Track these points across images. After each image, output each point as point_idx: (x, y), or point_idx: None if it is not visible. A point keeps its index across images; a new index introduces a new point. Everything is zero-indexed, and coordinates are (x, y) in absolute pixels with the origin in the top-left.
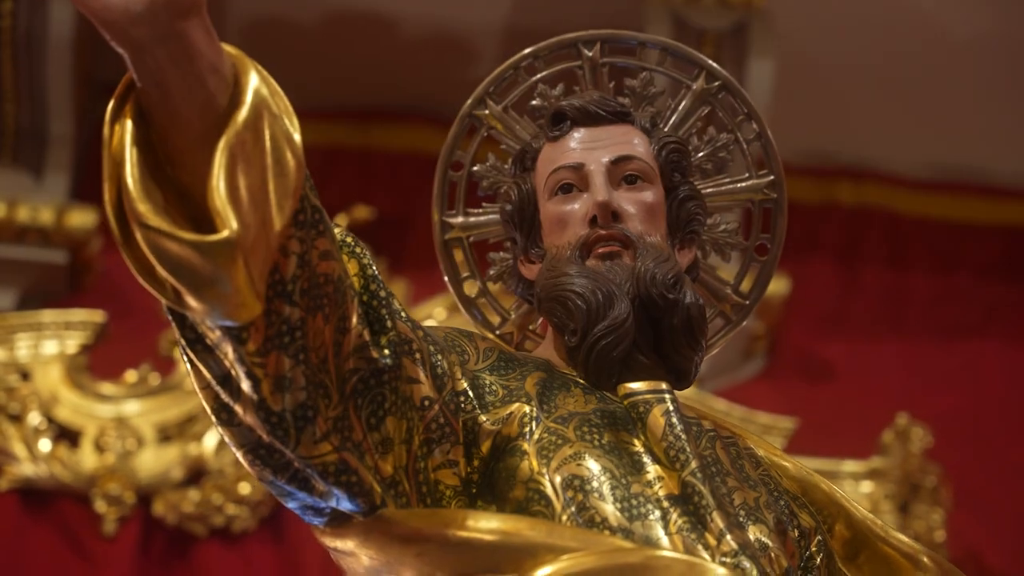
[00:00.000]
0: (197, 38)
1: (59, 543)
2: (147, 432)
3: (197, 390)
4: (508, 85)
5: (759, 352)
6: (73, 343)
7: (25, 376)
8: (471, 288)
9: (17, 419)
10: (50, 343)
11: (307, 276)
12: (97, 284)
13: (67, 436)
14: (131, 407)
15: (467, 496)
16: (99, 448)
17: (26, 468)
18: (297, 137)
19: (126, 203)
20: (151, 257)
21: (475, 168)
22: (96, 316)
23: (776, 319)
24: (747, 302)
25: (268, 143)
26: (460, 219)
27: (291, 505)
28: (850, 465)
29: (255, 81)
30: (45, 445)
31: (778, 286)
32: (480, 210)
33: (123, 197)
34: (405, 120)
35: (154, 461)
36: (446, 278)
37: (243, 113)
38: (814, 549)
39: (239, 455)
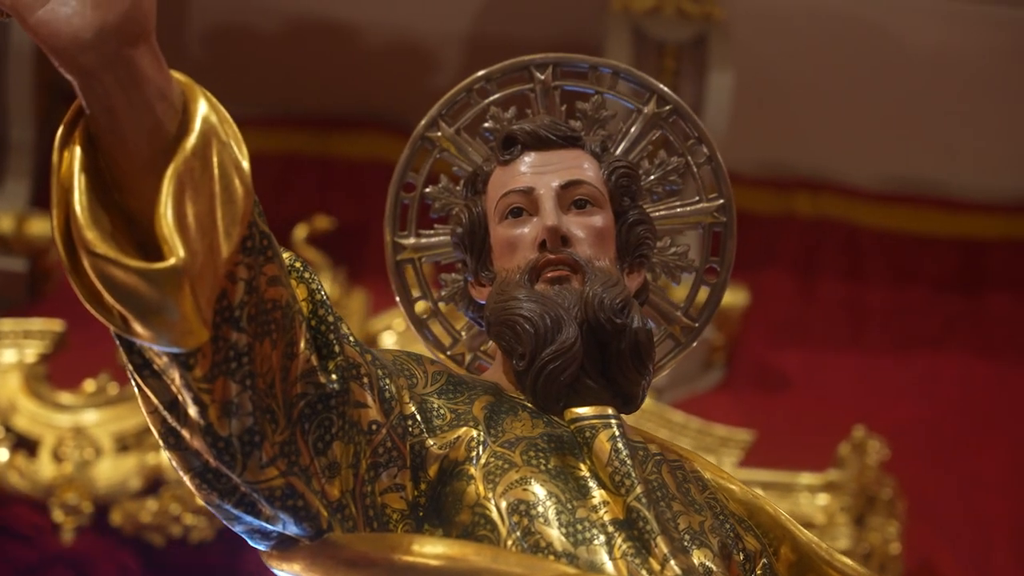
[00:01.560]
0: (145, 65)
1: (16, 552)
2: (105, 442)
3: (145, 414)
4: (461, 107)
5: (718, 363)
6: (32, 352)
7: None
8: (422, 309)
9: None
10: (8, 352)
11: (255, 302)
12: (57, 292)
13: (25, 445)
14: (89, 416)
15: (414, 520)
16: (57, 457)
17: None
18: (246, 164)
19: (74, 230)
20: (98, 284)
21: (427, 190)
22: (55, 325)
23: (735, 330)
24: (696, 324)
25: (216, 170)
26: (412, 240)
27: (238, 529)
28: (807, 477)
29: (204, 108)
30: (3, 454)
31: (736, 297)
32: (432, 231)
33: (71, 224)
34: (365, 129)
35: (112, 471)
36: (398, 299)
37: (191, 140)
38: (759, 572)
39: (186, 479)
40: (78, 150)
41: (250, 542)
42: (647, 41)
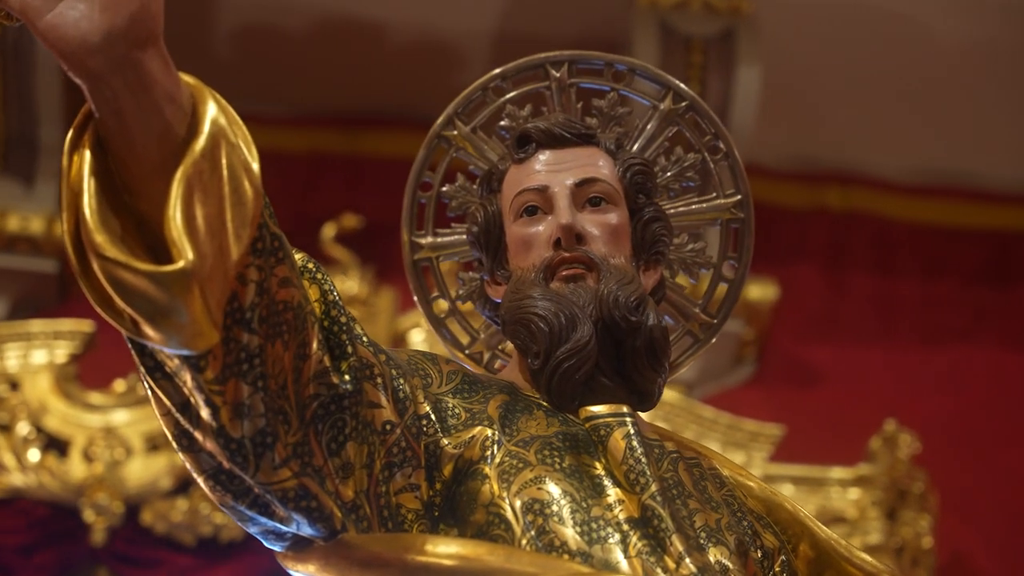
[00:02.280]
0: (153, 67)
1: (48, 552)
2: (135, 441)
3: (158, 416)
4: (476, 106)
5: (748, 358)
6: (62, 353)
7: (14, 386)
8: (441, 308)
9: (6, 429)
10: (39, 352)
11: (266, 304)
12: None
13: (56, 446)
14: (120, 416)
15: (429, 520)
16: (88, 457)
17: (15, 478)
18: (255, 166)
19: (83, 233)
20: (108, 287)
21: (444, 189)
22: (85, 326)
23: (765, 325)
24: (715, 321)
25: (225, 172)
26: (429, 239)
27: (252, 530)
28: (838, 472)
29: (213, 111)
30: (34, 455)
31: (766, 292)
32: (449, 230)
33: (80, 227)
34: (393, 126)
35: (143, 470)
36: (416, 298)
37: (200, 143)
38: (778, 569)
39: (200, 481)
40: (87, 154)
41: (265, 543)
42: (674, 36)
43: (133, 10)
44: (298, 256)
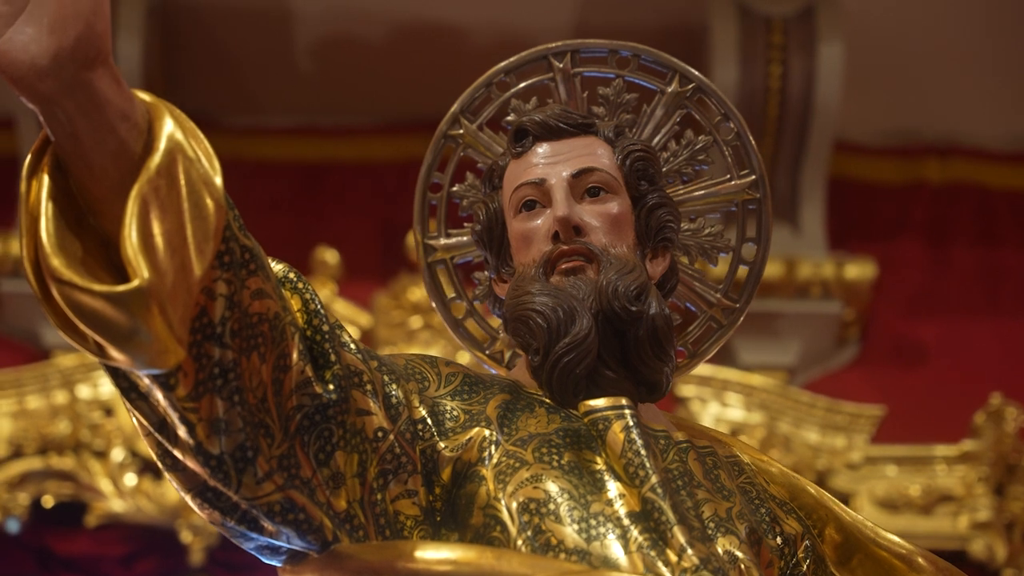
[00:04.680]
0: (104, 87)
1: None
2: None
3: (143, 437)
4: (482, 102)
5: (852, 339)
6: None
7: (109, 412)
8: (459, 310)
9: (102, 455)
10: None
11: (238, 317)
12: None
13: (151, 469)
14: None
15: (431, 525)
16: None
17: (113, 504)
18: (218, 180)
19: (40, 257)
20: (67, 311)
21: (454, 188)
22: None
23: (865, 304)
24: (737, 305)
25: (184, 188)
26: (443, 240)
27: (248, 547)
28: (942, 449)
29: (169, 126)
30: (130, 479)
31: (865, 270)
32: (462, 230)
33: (38, 252)
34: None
35: None
36: (432, 301)
37: (156, 159)
38: (801, 555)
39: (188, 499)
40: (45, 178)
41: (263, 560)
42: (753, 17)
43: (79, 30)
44: (279, 266)
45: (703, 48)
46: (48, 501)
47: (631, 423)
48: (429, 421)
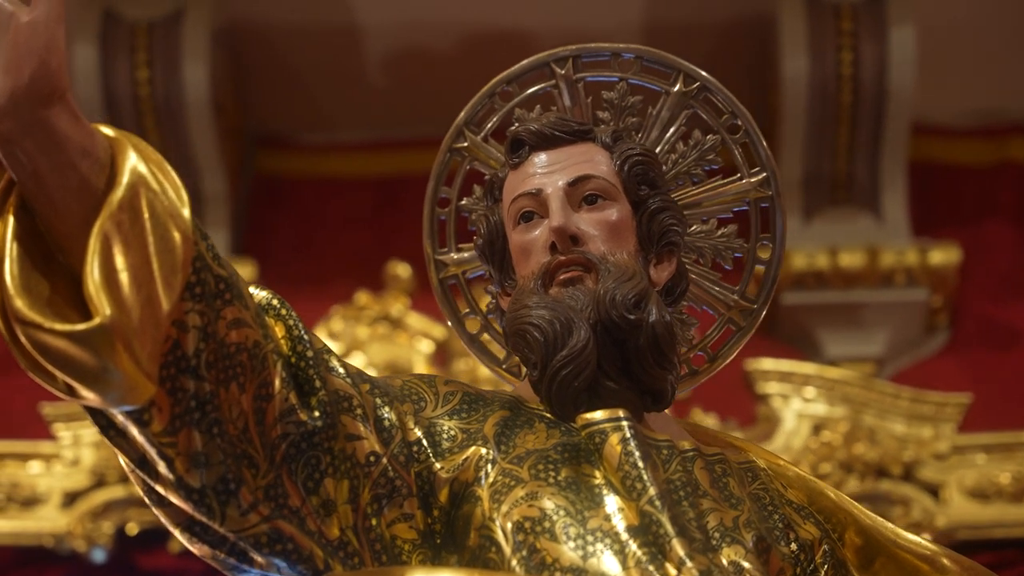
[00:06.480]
0: (62, 124)
1: None
2: None
3: (128, 474)
4: (486, 113)
5: (941, 325)
6: None
7: None
8: (473, 326)
9: None
10: None
11: (213, 348)
12: None
13: None
14: None
15: (430, 548)
16: None
17: None
18: (185, 212)
19: (4, 299)
20: (33, 352)
21: (462, 202)
22: None
23: (952, 290)
24: (755, 306)
25: (148, 221)
26: (454, 256)
27: None
28: None
29: (133, 160)
30: None
31: (949, 255)
32: (470, 244)
33: (3, 294)
34: None
35: None
36: (447, 318)
37: (118, 193)
38: (819, 560)
39: (178, 535)
40: (11, 219)
41: None
42: (821, 5)
43: (33, 68)
44: (262, 294)
45: (772, 39)
46: (132, 529)
47: (628, 435)
48: (425, 442)
